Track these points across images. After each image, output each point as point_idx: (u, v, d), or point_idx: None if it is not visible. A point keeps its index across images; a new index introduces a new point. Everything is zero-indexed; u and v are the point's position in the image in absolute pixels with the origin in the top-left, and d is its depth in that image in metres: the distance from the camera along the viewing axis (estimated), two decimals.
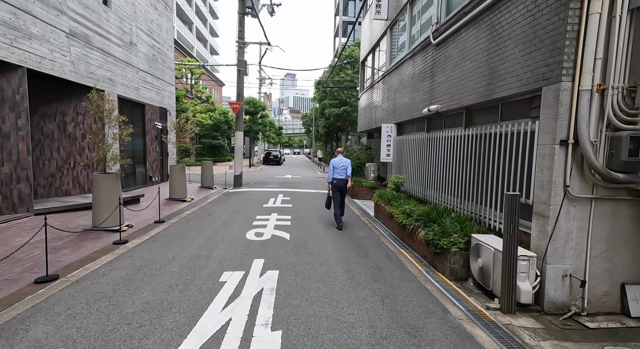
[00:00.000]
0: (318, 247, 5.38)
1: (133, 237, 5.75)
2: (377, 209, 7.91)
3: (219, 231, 6.21)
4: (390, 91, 9.06)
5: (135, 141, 10.54)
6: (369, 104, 11.92)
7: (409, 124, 8.13)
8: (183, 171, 9.59)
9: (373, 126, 11.11)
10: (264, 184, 14.64)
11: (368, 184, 10.87)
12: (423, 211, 5.35)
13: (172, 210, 8.28)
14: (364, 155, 12.54)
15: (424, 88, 6.63)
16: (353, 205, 9.82)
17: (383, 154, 8.78)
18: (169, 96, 12.76)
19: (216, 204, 9.27)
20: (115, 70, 8.95)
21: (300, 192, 11.97)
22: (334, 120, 25.87)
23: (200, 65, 15.73)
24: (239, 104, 12.85)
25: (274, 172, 22.34)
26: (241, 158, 13.54)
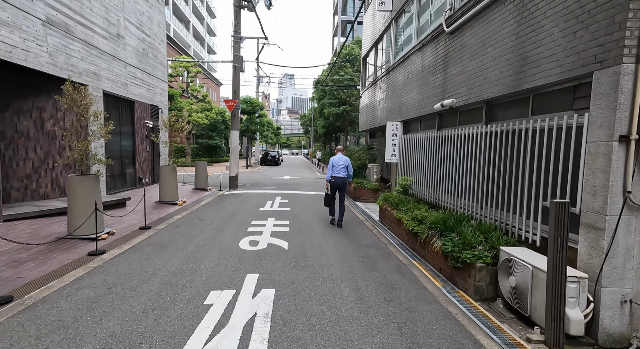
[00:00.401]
0: (320, 258, 4.77)
1: (112, 246, 5.12)
2: (382, 214, 7.31)
3: (209, 239, 5.59)
4: (395, 87, 8.48)
5: (124, 140, 9.90)
6: (371, 101, 11.33)
7: (416, 121, 7.54)
8: (174, 172, 8.96)
9: (376, 125, 10.52)
10: (261, 185, 14.02)
11: (371, 186, 10.27)
12: (437, 217, 4.76)
13: (161, 214, 7.65)
14: (365, 155, 11.95)
15: (435, 82, 6.05)
16: (355, 208, 9.22)
17: (388, 154, 8.19)
18: (160, 93, 12.13)
19: (209, 208, 8.64)
20: (100, 64, 8.32)
21: (298, 195, 11.36)
22: (333, 120, 25.30)
23: (195, 62, 15.08)
24: (234, 101, 12.24)
25: (271, 173, 21.73)
26: (237, 159, 12.92)
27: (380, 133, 11.82)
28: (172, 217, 7.41)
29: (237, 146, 12.83)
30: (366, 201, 10.34)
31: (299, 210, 8.51)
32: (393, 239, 6.06)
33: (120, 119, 9.66)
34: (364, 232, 6.51)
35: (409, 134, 7.72)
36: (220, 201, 9.76)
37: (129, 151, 10.21)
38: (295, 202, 9.79)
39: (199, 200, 9.95)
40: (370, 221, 7.60)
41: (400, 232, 5.94)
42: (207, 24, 53.71)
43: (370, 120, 11.48)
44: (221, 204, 9.31)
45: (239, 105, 12.61)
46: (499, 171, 4.29)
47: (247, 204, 9.23)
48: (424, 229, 4.82)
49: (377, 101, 10.45)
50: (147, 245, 5.22)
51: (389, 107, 8.97)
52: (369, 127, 11.63)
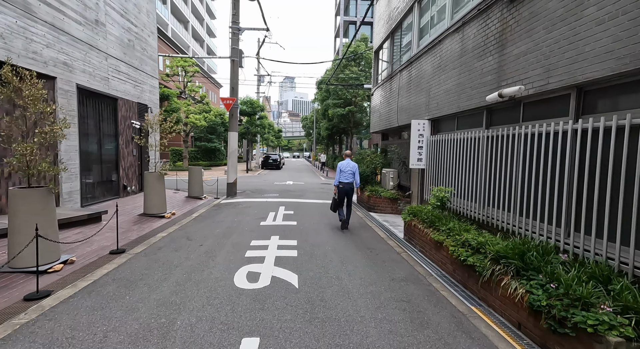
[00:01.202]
0: (344, 304, 3.47)
1: (65, 283, 3.84)
2: (410, 231, 6.01)
3: (195, 271, 4.29)
4: (420, 79, 7.21)
5: (105, 142, 8.64)
6: (386, 99, 10.05)
7: (450, 119, 6.26)
8: (161, 179, 7.68)
9: (392, 125, 9.24)
10: (262, 192, 12.73)
11: (387, 194, 8.97)
12: (505, 246, 3.46)
13: (142, 231, 6.36)
14: (378, 159, 10.66)
15: (483, 67, 4.77)
16: (372, 221, 7.91)
17: (412, 159, 6.90)
18: (150, 91, 10.89)
19: (201, 222, 7.35)
20: (73, 53, 7.07)
21: (304, 204, 10.06)
22: (338, 121, 24.05)
23: (188, 57, 13.87)
24: (232, 99, 10.99)
25: (273, 177, 20.44)
26: (235, 163, 11.65)
27: (395, 135, 10.54)
28: (154, 235, 6.12)
29: (235, 149, 11.56)
30: (383, 212, 9.03)
31: (307, 224, 7.21)
32: (431, 267, 4.75)
33: (100, 119, 8.40)
34: (391, 256, 5.21)
35: (440, 134, 6.44)
36: (216, 213, 8.46)
37: (111, 155, 8.94)
38: (301, 213, 8.50)
39: (191, 211, 8.66)
40: (394, 239, 6.29)
41: (441, 259, 4.64)
42: (207, 24, 52.74)
43: (384, 120, 10.19)
44: (216, 216, 8.01)
45: (238, 103, 11.36)
46: (617, 185, 2.99)
47: (246, 217, 7.93)
48: (484, 262, 3.52)
49: (393, 97, 9.17)
50: (112, 281, 3.93)
51: (412, 104, 7.69)
52: (383, 128, 10.35)
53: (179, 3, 39.49)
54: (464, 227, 4.52)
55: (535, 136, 3.74)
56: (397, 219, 8.23)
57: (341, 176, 6.59)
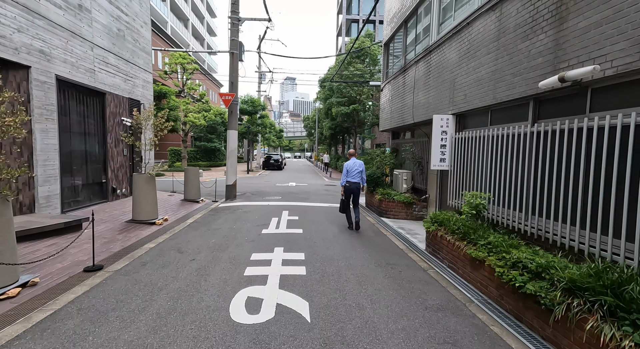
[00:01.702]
0: (372, 346, 2.67)
1: (15, 316, 3.05)
2: (434, 242, 5.19)
3: (182, 296, 3.50)
4: (442, 69, 6.40)
5: (91, 141, 7.85)
6: (398, 94, 9.25)
7: (482, 113, 5.45)
8: (151, 182, 6.90)
9: (406, 122, 8.43)
10: (263, 195, 11.93)
11: (401, 198, 8.16)
12: (578, 273, 2.66)
13: (127, 241, 5.57)
14: (389, 160, 9.85)
15: (532, 48, 3.96)
16: (386, 228, 7.10)
17: (434, 159, 6.09)
18: (143, 86, 10.10)
19: (196, 230, 6.56)
20: (51, 40, 6.29)
21: (310, 208, 9.26)
22: (342, 120, 23.25)
23: (186, 51, 13.11)
24: (231, 95, 10.20)
25: (275, 179, 19.65)
26: (235, 163, 10.86)
27: (409, 133, 9.73)
28: (141, 246, 5.32)
29: (235, 149, 10.78)
30: (396, 217, 8.22)
31: (315, 233, 6.41)
32: (469, 290, 3.93)
33: (86, 115, 7.62)
34: (417, 274, 4.40)
35: (468, 131, 5.63)
36: (213, 219, 7.66)
37: (99, 154, 8.15)
38: (307, 219, 7.70)
39: (185, 217, 7.87)
40: (415, 251, 5.48)
41: (481, 279, 3.83)
42: (207, 23, 52.03)
43: (396, 117, 9.39)
44: (213, 223, 7.22)
45: (237, 100, 10.57)
46: None
47: (245, 224, 7.14)
48: (552, 294, 2.71)
49: (408, 91, 8.37)
50: (77, 312, 3.13)
51: (432, 98, 6.88)
52: (395, 126, 9.54)
53: (178, 0, 38.76)
54: (510, 242, 3.71)
55: (617, 130, 2.93)
56: (413, 226, 7.43)
57: (348, 176, 6.54)
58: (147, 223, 6.84)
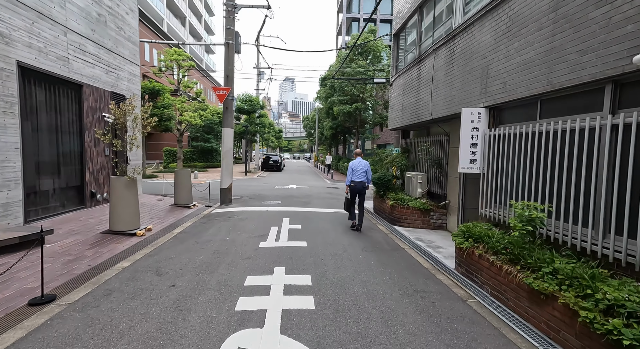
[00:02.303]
0: None
1: None
2: (469, 262, 4.26)
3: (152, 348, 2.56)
4: (470, 55, 5.48)
5: (64, 139, 6.90)
6: (412, 87, 8.32)
7: (527, 104, 4.51)
8: (132, 187, 5.96)
9: (423, 118, 7.51)
10: (261, 198, 10.98)
11: (417, 204, 7.23)
12: None
13: (97, 259, 4.62)
14: (400, 161, 8.93)
15: (614, 14, 3.04)
16: (402, 239, 6.16)
17: (462, 160, 5.17)
18: (129, 79, 9.15)
19: (182, 243, 5.61)
20: (10, 20, 5.35)
21: (313, 215, 8.32)
22: (343, 119, 22.32)
23: (177, 43, 12.16)
24: (226, 89, 9.25)
25: (274, 180, 18.70)
26: (231, 164, 9.91)
27: (423, 131, 8.81)
28: (112, 266, 4.38)
29: (230, 149, 9.83)
30: (411, 226, 7.28)
31: (321, 246, 5.47)
32: (531, 333, 2.99)
33: (58, 109, 6.67)
34: (455, 307, 3.46)
35: (505, 126, 4.71)
36: (204, 228, 6.71)
37: (74, 155, 7.20)
38: (311, 228, 6.76)
39: (173, 225, 6.92)
40: (444, 272, 4.54)
41: (548, 319, 2.90)
42: (205, 21, 51.10)
43: (409, 113, 8.46)
44: (203, 233, 6.27)
45: (233, 94, 9.63)
46: None
47: (241, 234, 6.19)
48: None
49: (424, 84, 7.44)
50: None
51: (457, 89, 5.96)
52: (407, 124, 8.61)
53: None
54: (591, 272, 2.77)
55: None
56: (433, 237, 6.49)
57: (353, 175, 6.55)
58: (126, 234, 5.89)
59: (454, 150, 6.70)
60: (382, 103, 22.15)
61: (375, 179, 8.52)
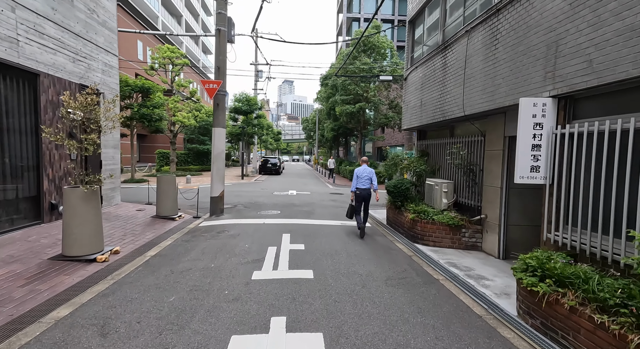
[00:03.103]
0: None
1: None
2: (552, 314, 2.98)
3: None
4: (526, 30, 4.25)
5: (13, 139, 5.62)
6: (435, 80, 7.11)
7: (627, 92, 3.26)
8: (92, 200, 4.70)
9: (449, 116, 6.28)
10: (258, 207, 9.71)
11: (444, 219, 5.97)
12: None
13: (26, 305, 3.34)
14: (419, 166, 7.68)
15: None
16: (430, 264, 4.89)
17: (521, 168, 3.91)
18: (104, 70, 7.90)
19: (153, 273, 4.33)
20: None
21: (318, 229, 7.05)
22: (346, 120, 21.09)
23: (164, 33, 10.97)
24: (217, 83, 8.00)
25: (272, 185, 17.42)
26: (222, 169, 8.64)
27: (446, 131, 7.57)
28: (40, 319, 3.10)
29: (222, 152, 8.57)
30: (438, 245, 6.02)
31: (334, 279, 4.20)
32: None
33: (3, 103, 5.39)
34: None
35: (586, 122, 3.46)
36: (184, 250, 5.43)
37: (27, 158, 5.92)
38: (317, 249, 5.49)
39: (147, 245, 5.64)
40: (506, 322, 3.28)
41: None
42: (202, 21, 49.94)
43: (430, 110, 7.23)
44: (182, 258, 4.99)
45: (225, 89, 8.37)
46: None
47: (229, 259, 4.91)
48: None
49: (452, 75, 6.22)
50: None
51: (502, 76, 4.72)
52: (427, 122, 7.38)
53: None
54: None
55: None
56: (468, 261, 5.22)
57: (358, 182, 6.56)
58: (82, 260, 4.62)
59: (491, 153, 5.46)
60: (386, 103, 20.95)
61: (390, 186, 7.28)
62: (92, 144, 4.71)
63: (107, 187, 8.32)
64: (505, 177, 5.17)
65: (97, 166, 7.88)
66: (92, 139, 4.68)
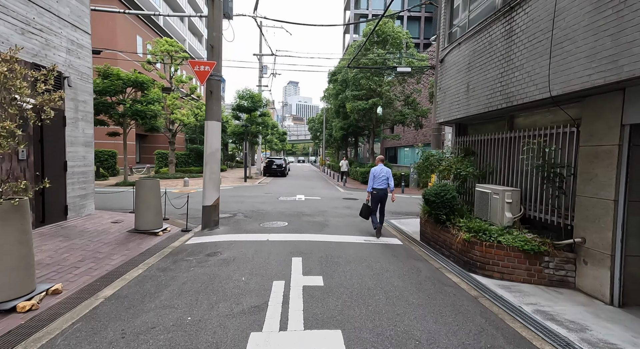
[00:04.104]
0: None
1: None
2: None
3: None
4: None
5: None
6: (492, 54, 5.47)
7: None
8: (16, 218, 3.14)
9: (520, 100, 4.63)
10: (261, 217, 8.10)
11: (516, 242, 4.30)
12: None
13: None
14: (465, 168, 6.02)
15: None
16: (513, 314, 3.22)
17: None
18: (69, 50, 6.37)
19: (90, 340, 2.73)
20: None
21: (338, 248, 5.42)
22: (359, 117, 19.41)
23: (151, 14, 9.52)
24: (210, 64, 6.42)
25: (278, 189, 15.82)
26: (217, 172, 7.05)
27: (500, 123, 5.90)
28: None
29: (217, 151, 6.98)
30: (507, 278, 4.34)
31: (374, 342, 2.57)
32: None
33: None
34: None
35: None
36: (155, 288, 3.83)
37: None
38: (341, 285, 3.86)
39: (105, 279, 4.07)
40: None
41: None
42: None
43: (485, 94, 5.57)
44: (147, 304, 3.38)
45: (221, 72, 6.79)
46: None
47: (215, 307, 3.30)
48: None
49: (524, 43, 4.56)
50: None
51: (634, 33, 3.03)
52: (481, 111, 5.72)
53: None
54: None
55: None
56: (566, 309, 3.53)
57: (375, 182, 6.36)
58: None
59: (594, 151, 3.79)
60: (402, 99, 19.26)
61: (431, 195, 5.63)
62: (6, 137, 3.14)
63: (76, 195, 6.78)
64: (622, 186, 3.50)
65: (60, 167, 6.34)
66: (6, 127, 3.11)
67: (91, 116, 7.18)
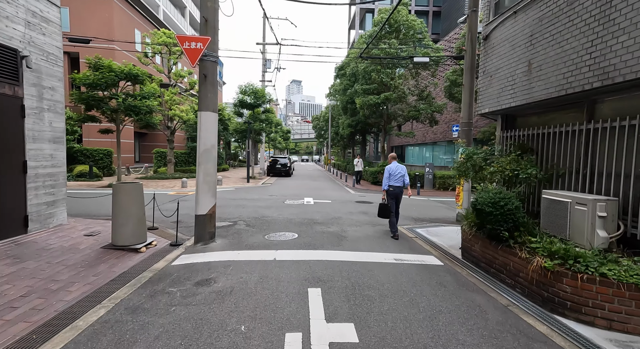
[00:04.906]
0: None
1: None
2: None
3: None
4: None
5: None
6: (569, 22, 4.19)
7: None
8: None
9: (618, 78, 3.29)
10: (265, 226, 6.85)
11: (633, 278, 2.99)
12: None
13: None
14: (526, 169, 4.72)
15: None
16: None
17: None
18: (28, 23, 5.15)
19: None
20: None
21: (363, 270, 4.15)
22: (368, 113, 18.11)
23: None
24: (203, 40, 5.17)
25: (282, 190, 14.57)
26: (213, 174, 5.79)
27: (572, 110, 4.60)
28: None
29: (213, 147, 5.73)
30: (619, 329, 3.04)
31: None
32: None
33: None
34: None
35: None
36: (118, 344, 2.58)
37: None
38: (384, 342, 2.62)
39: (48, 328, 2.83)
40: None
41: None
42: None
43: (551, 75, 4.29)
44: None
45: (217, 52, 5.54)
46: None
47: None
48: None
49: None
50: None
51: None
52: (545, 97, 4.44)
53: None
54: None
55: None
56: None
57: (391, 180, 6.36)
58: None
59: None
60: (417, 93, 17.94)
61: (486, 203, 4.34)
62: None
63: (41, 202, 5.57)
64: None
65: (17, 169, 5.12)
66: None
67: (62, 106, 5.96)
